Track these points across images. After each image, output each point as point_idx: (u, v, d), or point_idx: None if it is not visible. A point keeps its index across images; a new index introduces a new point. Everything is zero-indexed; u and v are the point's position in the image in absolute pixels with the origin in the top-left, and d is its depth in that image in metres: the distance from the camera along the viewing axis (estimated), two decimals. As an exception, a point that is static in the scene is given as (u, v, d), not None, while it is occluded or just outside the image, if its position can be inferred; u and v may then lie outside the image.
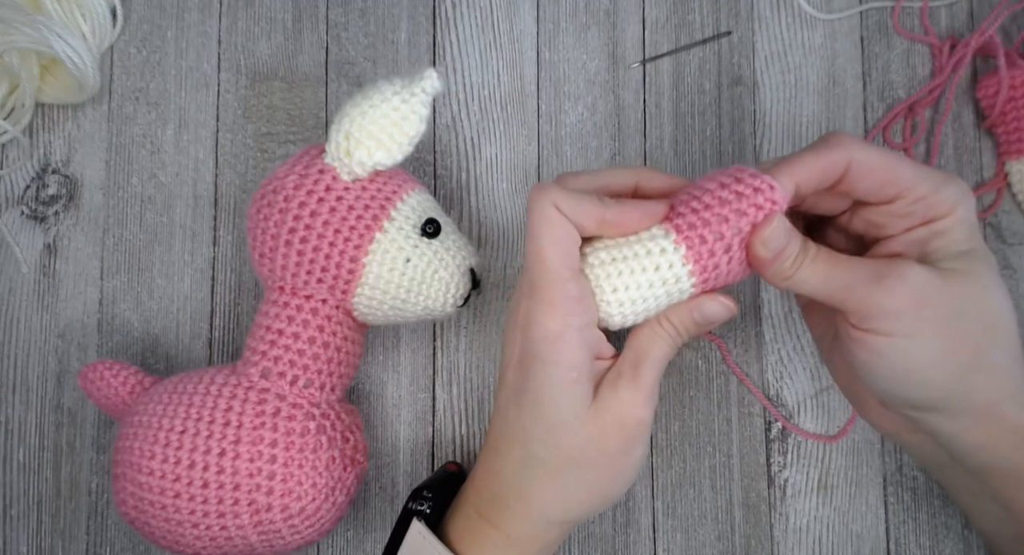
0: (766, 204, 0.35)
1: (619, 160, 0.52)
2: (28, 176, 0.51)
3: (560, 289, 0.36)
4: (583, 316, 0.37)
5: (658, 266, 0.36)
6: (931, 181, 0.37)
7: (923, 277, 0.35)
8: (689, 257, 0.36)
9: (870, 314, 0.35)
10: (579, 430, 0.37)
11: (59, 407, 0.50)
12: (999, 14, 0.50)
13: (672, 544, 0.49)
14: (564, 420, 0.37)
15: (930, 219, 0.37)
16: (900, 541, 0.48)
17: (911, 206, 0.37)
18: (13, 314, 0.50)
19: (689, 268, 0.36)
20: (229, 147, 0.52)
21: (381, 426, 0.50)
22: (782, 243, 0.36)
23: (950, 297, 0.35)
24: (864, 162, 0.36)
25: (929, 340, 0.35)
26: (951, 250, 0.36)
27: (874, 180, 0.37)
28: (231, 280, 0.51)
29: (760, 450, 0.49)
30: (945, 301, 0.35)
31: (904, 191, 0.37)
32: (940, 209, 0.36)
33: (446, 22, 0.53)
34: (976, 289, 0.36)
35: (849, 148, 0.36)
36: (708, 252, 0.36)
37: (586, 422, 0.37)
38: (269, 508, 0.40)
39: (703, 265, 0.36)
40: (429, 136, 0.52)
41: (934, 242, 0.37)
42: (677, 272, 0.36)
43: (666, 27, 0.53)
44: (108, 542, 0.49)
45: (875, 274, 0.35)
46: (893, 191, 0.37)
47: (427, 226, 0.41)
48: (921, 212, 0.37)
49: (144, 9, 0.53)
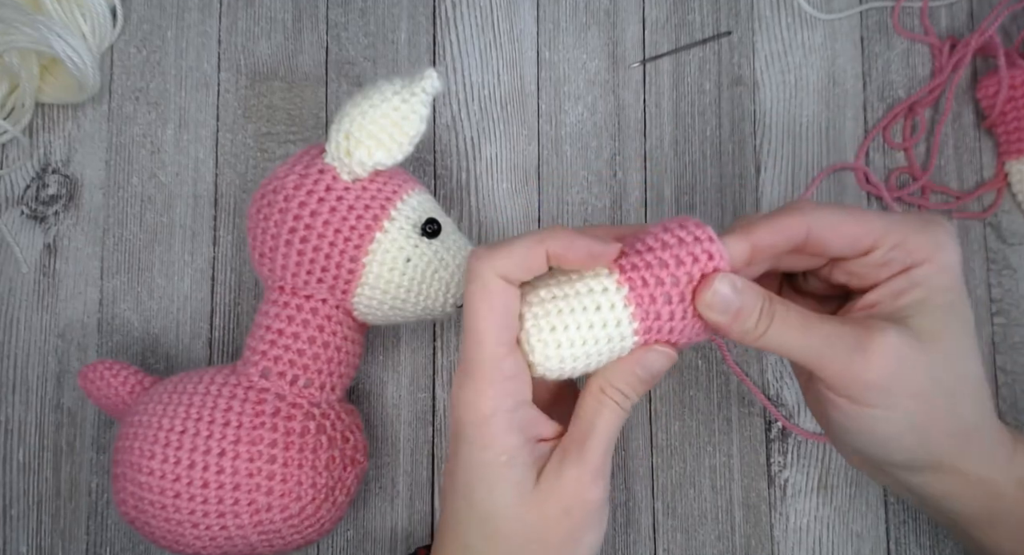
0: (702, 256, 0.34)
1: (619, 160, 0.52)
2: (28, 176, 0.51)
3: (493, 368, 0.33)
4: (516, 396, 0.34)
5: (599, 306, 0.34)
6: (905, 226, 0.35)
7: (901, 347, 0.34)
8: (631, 299, 0.34)
9: (847, 385, 0.34)
10: (517, 519, 0.34)
11: (59, 407, 0.50)
12: (999, 14, 0.50)
13: (672, 544, 0.49)
14: (498, 509, 0.34)
15: (909, 266, 0.35)
16: (900, 541, 0.48)
17: (889, 254, 0.35)
18: (13, 314, 0.50)
19: (631, 311, 0.34)
20: (229, 147, 0.52)
21: (381, 426, 0.50)
22: (729, 305, 0.34)
23: (925, 364, 0.34)
24: (825, 224, 0.35)
25: (905, 411, 0.35)
26: (930, 304, 0.35)
27: (842, 237, 0.35)
28: (231, 280, 0.51)
29: (760, 450, 0.49)
30: (921, 368, 0.34)
31: (878, 240, 0.35)
32: (919, 255, 0.35)
33: (446, 22, 0.53)
34: (949, 353, 0.35)
35: (806, 214, 0.35)
36: (650, 297, 0.34)
37: (526, 510, 0.34)
38: (269, 508, 0.40)
39: (645, 310, 0.34)
40: (429, 136, 0.52)
41: (913, 293, 0.35)
42: (619, 315, 0.34)
43: (666, 27, 0.53)
44: (108, 542, 0.49)
45: (854, 344, 0.34)
46: (867, 242, 0.35)
47: (427, 226, 0.41)
48: (900, 259, 0.35)
49: (144, 9, 0.53)
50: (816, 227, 0.35)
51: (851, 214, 0.35)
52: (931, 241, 0.35)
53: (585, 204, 0.51)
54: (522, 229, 0.51)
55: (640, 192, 0.51)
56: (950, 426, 0.35)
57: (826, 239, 0.35)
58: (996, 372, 0.50)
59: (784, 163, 0.52)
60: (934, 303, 0.35)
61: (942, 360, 0.34)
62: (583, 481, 0.34)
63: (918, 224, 0.35)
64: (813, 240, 0.35)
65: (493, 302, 0.33)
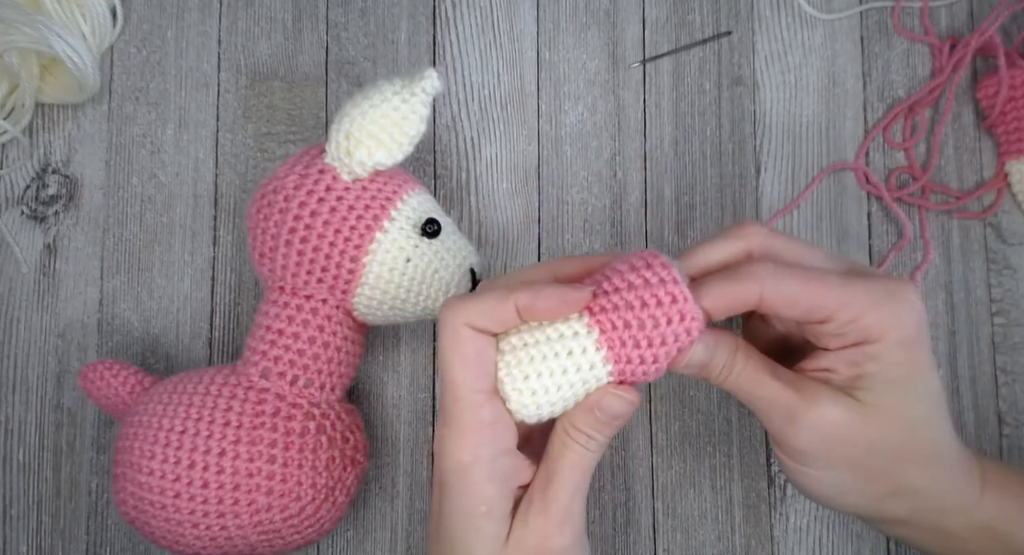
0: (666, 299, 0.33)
1: (619, 160, 0.52)
2: (28, 176, 0.51)
3: (471, 417, 0.33)
4: (496, 444, 0.34)
5: (571, 351, 0.34)
6: (863, 300, 0.34)
7: (838, 419, 0.34)
8: (603, 341, 0.34)
9: (783, 445, 0.36)
10: None
11: (59, 407, 0.50)
12: (999, 14, 0.50)
13: (672, 544, 0.49)
14: None
15: (862, 342, 0.35)
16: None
17: (844, 327, 0.34)
18: (13, 314, 0.50)
19: (603, 354, 0.34)
20: (229, 147, 0.52)
21: (381, 426, 0.49)
22: (702, 363, 0.35)
23: (865, 435, 0.35)
24: (778, 294, 0.34)
25: (841, 474, 0.35)
26: (881, 378, 0.35)
27: (795, 308, 0.35)
28: (231, 280, 0.51)
29: (760, 450, 0.49)
30: (859, 438, 0.35)
31: (832, 315, 0.34)
32: (871, 333, 0.34)
33: (446, 22, 0.53)
34: (896, 424, 0.35)
35: (760, 280, 0.34)
36: (620, 340, 0.34)
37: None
38: (269, 508, 0.40)
39: (617, 353, 0.34)
40: (429, 136, 0.52)
41: (865, 365, 0.35)
42: (591, 358, 0.34)
43: (666, 27, 0.53)
44: (108, 542, 0.49)
45: (787, 413, 0.35)
46: (821, 315, 0.35)
47: (427, 226, 0.41)
48: (853, 334, 0.35)
49: (144, 9, 0.53)
50: (769, 295, 0.34)
51: (807, 284, 0.34)
52: (888, 318, 0.34)
53: (585, 204, 0.51)
54: (522, 229, 0.51)
55: (640, 192, 0.51)
56: (900, 487, 0.36)
57: (779, 308, 0.35)
58: (996, 372, 0.50)
59: (784, 163, 0.52)
60: (886, 377, 0.35)
61: (887, 432, 0.35)
62: (548, 529, 0.34)
63: (877, 297, 0.34)
64: (766, 306, 0.35)
65: (465, 351, 0.33)
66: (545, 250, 0.51)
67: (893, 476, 0.36)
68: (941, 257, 0.51)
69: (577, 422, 0.35)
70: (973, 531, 0.37)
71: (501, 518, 0.34)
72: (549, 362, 0.34)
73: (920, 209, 0.51)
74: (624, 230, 0.51)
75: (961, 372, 0.50)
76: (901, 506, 0.37)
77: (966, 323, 0.50)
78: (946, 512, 0.37)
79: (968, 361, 0.50)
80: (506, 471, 0.34)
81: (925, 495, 0.36)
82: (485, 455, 0.33)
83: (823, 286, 0.34)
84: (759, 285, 0.34)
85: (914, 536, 0.38)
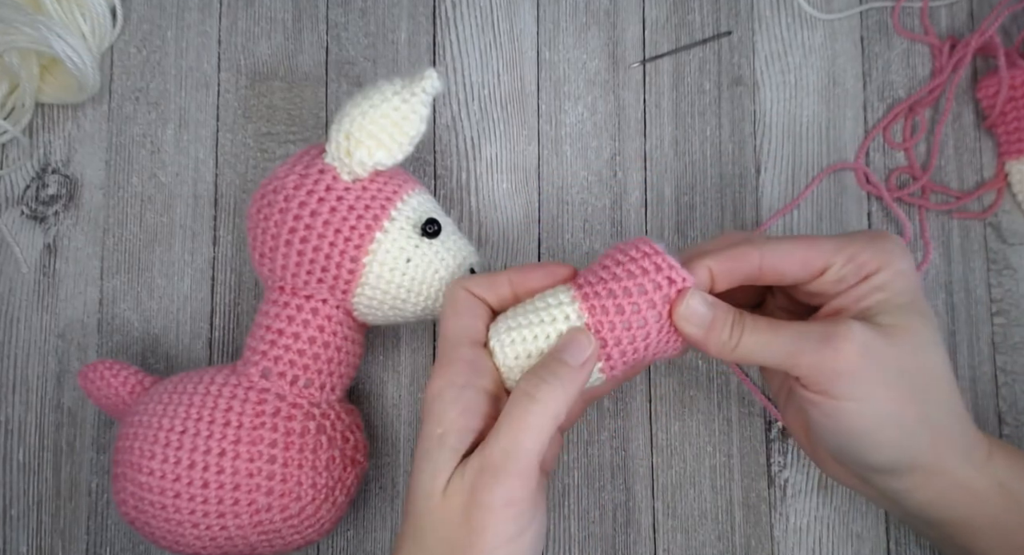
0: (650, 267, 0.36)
1: (619, 160, 0.52)
2: (28, 176, 0.51)
3: (452, 353, 0.36)
4: (467, 376, 0.36)
5: (555, 318, 0.36)
6: (854, 243, 0.37)
7: (867, 335, 0.35)
8: (584, 308, 0.36)
9: (820, 377, 0.35)
10: (428, 512, 0.34)
11: (59, 407, 0.50)
12: (999, 14, 0.50)
13: (672, 544, 0.49)
14: (420, 486, 0.34)
15: (867, 275, 0.36)
16: (900, 541, 0.48)
17: (842, 270, 0.36)
18: (13, 314, 0.50)
19: (585, 320, 0.36)
20: (229, 147, 0.52)
21: (381, 426, 0.50)
22: (703, 318, 0.36)
23: (892, 355, 0.35)
24: (776, 252, 0.37)
25: (878, 401, 0.35)
26: (891, 304, 0.36)
27: (794, 263, 0.37)
28: (231, 280, 0.51)
29: (760, 450, 0.49)
30: (888, 359, 0.35)
31: (829, 259, 0.36)
32: (873, 264, 0.36)
33: (446, 22, 0.53)
34: (915, 345, 0.36)
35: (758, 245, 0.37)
36: (602, 308, 0.36)
37: (435, 503, 0.34)
38: (269, 508, 0.40)
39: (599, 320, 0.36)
40: (429, 136, 0.52)
41: (874, 296, 0.36)
42: (573, 324, 0.36)
43: (666, 27, 0.53)
44: (108, 542, 0.49)
45: (821, 336, 0.35)
46: (819, 264, 0.37)
47: (427, 226, 0.41)
48: (854, 272, 0.36)
49: (144, 9, 0.53)
50: (768, 256, 0.37)
51: (801, 241, 0.37)
52: (882, 251, 0.36)
53: (585, 204, 0.51)
54: (522, 229, 0.51)
55: (640, 192, 0.51)
56: (923, 418, 0.36)
57: (779, 266, 0.37)
58: (996, 372, 0.50)
59: (784, 163, 0.52)
60: (896, 302, 0.36)
61: (909, 352, 0.36)
62: (481, 480, 0.33)
63: (866, 239, 0.37)
64: (767, 268, 0.37)
65: (457, 306, 0.38)
66: (545, 250, 0.51)
67: (922, 402, 0.36)
68: (941, 257, 0.51)
69: (534, 368, 0.36)
70: (995, 488, 0.37)
71: (451, 449, 0.34)
72: (534, 328, 0.36)
73: (920, 209, 0.51)
74: (624, 230, 0.51)
75: (961, 372, 0.50)
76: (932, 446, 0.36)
77: (966, 323, 0.50)
78: (971, 460, 0.37)
79: (968, 361, 0.50)
80: (472, 405, 0.35)
81: (951, 434, 0.37)
82: (457, 382, 0.36)
83: (814, 238, 0.37)
84: (757, 249, 0.36)
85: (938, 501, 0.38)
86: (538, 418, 0.34)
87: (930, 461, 0.37)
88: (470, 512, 0.33)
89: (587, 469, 0.49)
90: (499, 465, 0.33)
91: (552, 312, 0.36)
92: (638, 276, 0.36)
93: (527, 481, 0.34)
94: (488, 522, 0.33)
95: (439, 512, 0.34)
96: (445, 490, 0.34)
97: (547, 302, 0.37)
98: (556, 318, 0.36)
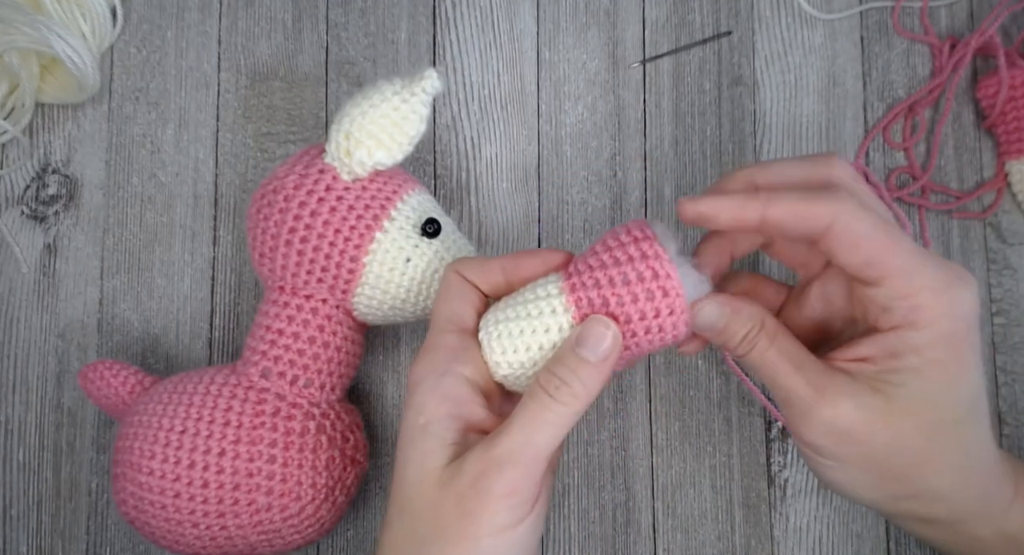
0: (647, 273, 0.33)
1: (619, 160, 0.52)
2: (28, 176, 0.51)
3: (436, 339, 0.36)
4: (447, 363, 0.35)
5: (542, 311, 0.35)
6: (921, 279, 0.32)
7: (856, 420, 0.33)
8: (571, 301, 0.34)
9: (796, 435, 0.35)
10: (417, 498, 0.33)
11: (59, 407, 0.50)
12: (999, 14, 0.50)
13: (672, 544, 0.49)
14: (405, 481, 0.34)
15: (908, 324, 0.32)
16: (900, 541, 0.48)
17: (893, 299, 0.32)
18: (13, 314, 0.50)
19: (572, 314, 0.34)
20: (229, 147, 0.52)
21: (381, 426, 0.49)
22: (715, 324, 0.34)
23: (888, 437, 0.33)
24: (848, 229, 0.32)
25: (857, 472, 0.34)
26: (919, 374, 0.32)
27: (857, 253, 0.32)
28: (231, 280, 0.51)
29: (760, 450, 0.49)
30: (880, 441, 0.33)
31: (887, 278, 0.32)
32: (921, 316, 0.32)
33: (446, 22, 0.53)
34: (925, 426, 0.33)
35: (838, 208, 0.32)
36: (588, 301, 0.34)
37: (424, 489, 0.33)
38: (269, 508, 0.40)
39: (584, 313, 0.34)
40: (429, 136, 0.52)
41: (906, 357, 0.32)
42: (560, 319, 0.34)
43: (666, 27, 0.53)
44: (108, 542, 0.49)
45: (804, 409, 0.33)
46: (877, 272, 0.32)
47: (427, 226, 0.41)
48: (901, 312, 0.32)
49: (144, 9, 0.53)
50: (839, 228, 0.32)
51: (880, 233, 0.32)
52: (944, 304, 0.32)
53: (585, 204, 0.51)
54: (522, 229, 0.51)
55: (640, 192, 0.51)
56: (914, 491, 0.35)
57: (841, 246, 0.32)
58: (996, 372, 0.50)
59: (784, 163, 0.52)
60: (923, 375, 0.33)
61: (912, 434, 0.33)
62: (479, 470, 0.32)
63: (940, 279, 0.32)
64: (831, 240, 0.32)
65: (448, 291, 0.37)
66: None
67: (913, 480, 0.34)
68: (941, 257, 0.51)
69: (552, 364, 0.34)
70: (999, 539, 0.36)
71: (435, 437, 0.34)
72: (520, 316, 0.35)
73: (920, 209, 0.51)
74: (624, 230, 0.51)
75: (961, 372, 0.50)
76: (921, 508, 0.35)
77: (966, 323, 0.50)
78: (970, 518, 0.36)
79: (968, 361, 0.50)
80: (451, 393, 0.34)
81: (947, 500, 0.35)
82: (439, 369, 0.35)
83: (894, 243, 0.32)
84: (835, 212, 0.32)
85: (935, 537, 0.37)
86: (556, 417, 0.33)
87: (925, 517, 0.36)
88: (465, 498, 0.32)
89: (587, 469, 0.49)
90: (506, 458, 0.32)
91: (540, 304, 0.35)
92: (623, 264, 0.33)
93: (532, 473, 0.33)
94: (484, 509, 0.32)
95: (429, 498, 0.33)
96: (439, 477, 0.33)
97: (536, 293, 0.35)
98: (543, 311, 0.35)
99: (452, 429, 0.34)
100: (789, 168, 0.35)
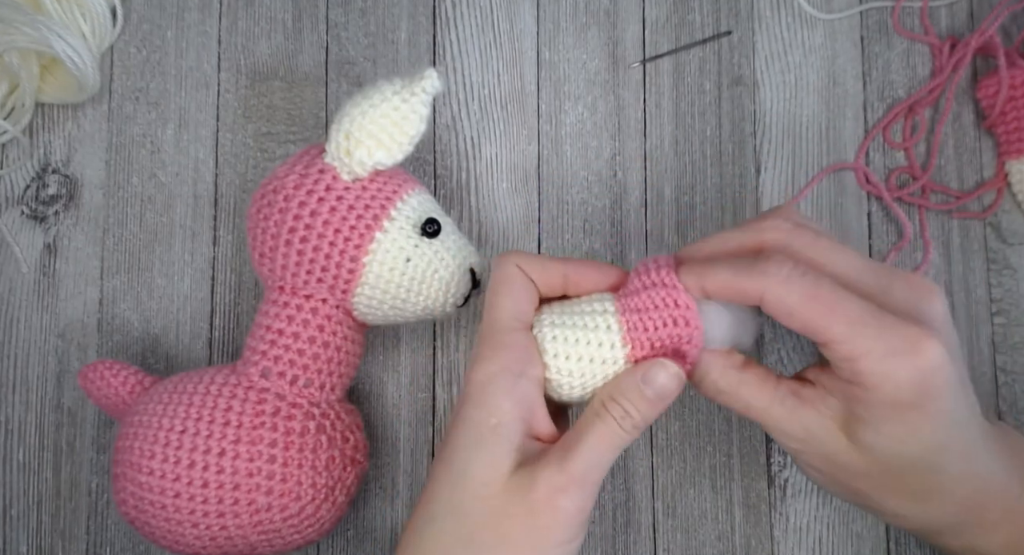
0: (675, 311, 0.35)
1: (619, 160, 0.52)
2: (28, 176, 0.51)
3: (507, 337, 0.35)
4: (523, 365, 0.35)
5: (597, 325, 0.36)
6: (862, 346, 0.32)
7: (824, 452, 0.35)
8: (624, 321, 0.35)
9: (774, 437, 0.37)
10: (481, 500, 0.33)
11: (59, 407, 0.50)
12: (999, 14, 0.50)
13: (672, 544, 0.49)
14: (469, 479, 0.33)
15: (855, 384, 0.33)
16: (900, 541, 0.48)
17: (838, 361, 0.33)
18: (13, 314, 0.50)
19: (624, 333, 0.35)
20: (229, 147, 0.52)
21: (381, 426, 0.49)
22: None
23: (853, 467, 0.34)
24: (780, 301, 0.32)
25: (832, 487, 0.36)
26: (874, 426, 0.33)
27: (793, 322, 0.33)
28: (231, 280, 0.51)
29: (760, 450, 0.49)
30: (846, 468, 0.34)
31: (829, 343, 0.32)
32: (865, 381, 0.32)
33: (446, 22, 0.53)
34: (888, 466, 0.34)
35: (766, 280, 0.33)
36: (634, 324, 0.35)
37: (491, 493, 0.33)
38: (269, 508, 0.40)
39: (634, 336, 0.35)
40: (429, 136, 0.52)
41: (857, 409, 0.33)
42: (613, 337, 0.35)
43: (666, 27, 0.53)
44: (108, 542, 0.49)
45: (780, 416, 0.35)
46: (817, 338, 0.33)
47: (427, 226, 0.41)
48: (847, 373, 0.32)
49: (144, 9, 0.53)
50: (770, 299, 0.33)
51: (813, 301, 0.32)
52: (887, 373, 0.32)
53: (585, 204, 0.51)
54: (522, 229, 0.51)
55: (640, 192, 0.51)
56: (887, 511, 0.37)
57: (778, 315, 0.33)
58: (996, 372, 0.50)
59: (784, 163, 0.52)
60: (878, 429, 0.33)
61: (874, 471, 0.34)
62: (556, 486, 0.33)
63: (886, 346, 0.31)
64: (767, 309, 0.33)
65: (512, 285, 0.36)
66: (545, 250, 0.51)
67: (880, 502, 0.36)
68: (941, 257, 0.51)
69: (615, 393, 0.35)
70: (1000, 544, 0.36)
71: (508, 443, 0.34)
72: (577, 325, 0.36)
73: (920, 209, 0.51)
74: (624, 230, 0.51)
75: (961, 372, 0.50)
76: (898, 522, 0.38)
77: (966, 323, 0.50)
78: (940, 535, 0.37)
79: (968, 361, 0.50)
80: (526, 397, 0.34)
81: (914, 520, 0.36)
82: (513, 369, 0.34)
83: (830, 310, 0.32)
84: (761, 286, 0.33)
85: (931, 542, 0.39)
86: (620, 442, 0.35)
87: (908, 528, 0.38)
88: (538, 512, 0.33)
89: (587, 469, 0.49)
90: (580, 477, 0.33)
91: (596, 319, 0.36)
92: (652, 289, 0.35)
93: (595, 493, 0.34)
94: (556, 524, 0.33)
95: (493, 503, 0.33)
96: (505, 483, 0.33)
97: (593, 307, 0.36)
98: (599, 326, 0.36)
99: (520, 433, 0.34)
100: (725, 240, 0.36)
